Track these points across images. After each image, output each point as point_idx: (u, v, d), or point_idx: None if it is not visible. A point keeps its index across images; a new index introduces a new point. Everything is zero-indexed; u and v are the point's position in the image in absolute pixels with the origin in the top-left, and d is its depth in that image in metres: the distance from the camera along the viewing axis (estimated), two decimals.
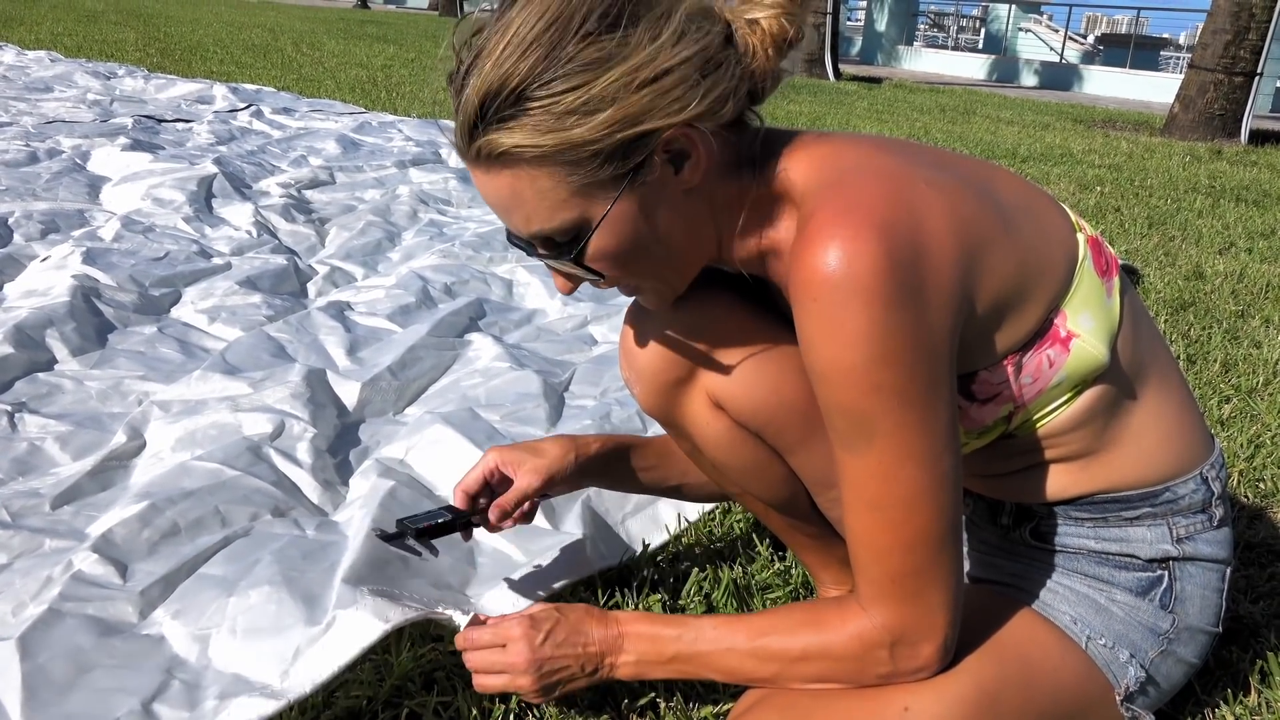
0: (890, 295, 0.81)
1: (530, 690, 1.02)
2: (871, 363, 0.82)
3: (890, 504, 0.87)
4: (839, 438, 0.88)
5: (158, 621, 1.26)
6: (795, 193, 0.93)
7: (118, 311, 2.32)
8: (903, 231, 0.83)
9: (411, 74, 8.88)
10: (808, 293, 0.83)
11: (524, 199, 0.87)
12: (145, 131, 4.58)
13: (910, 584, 0.89)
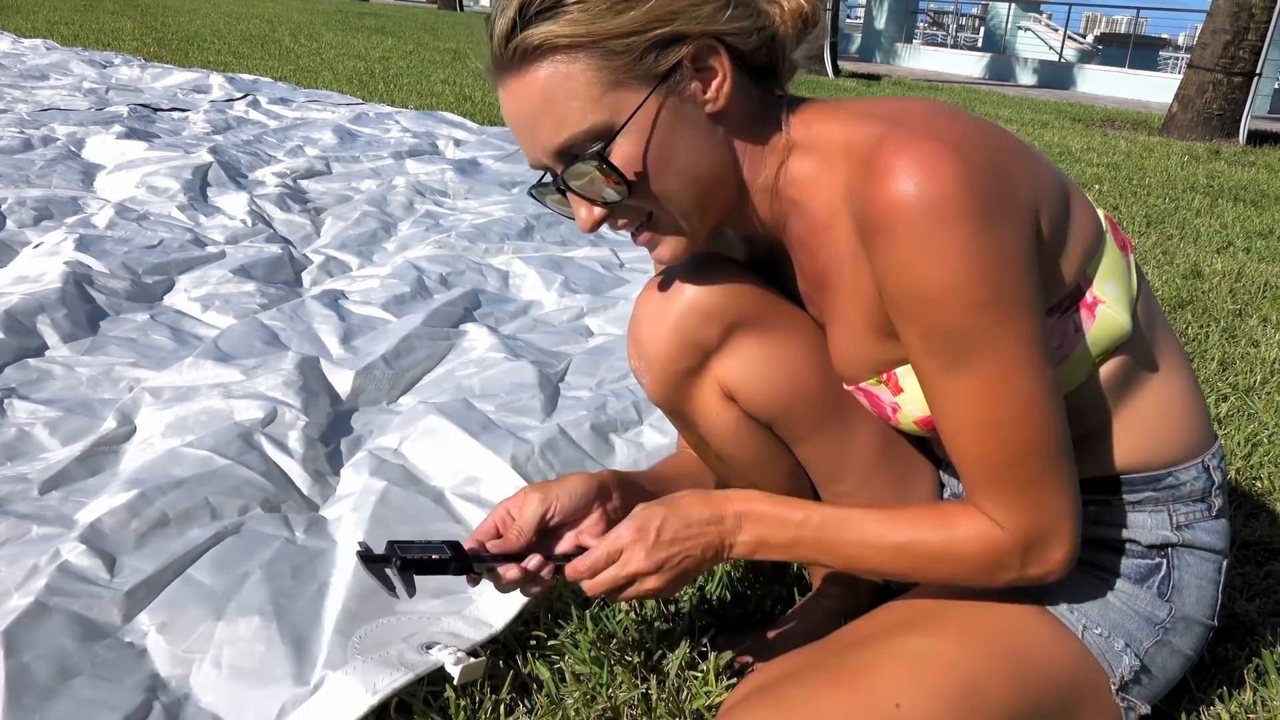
0: (979, 210, 0.82)
1: (659, 589, 0.99)
2: (969, 279, 0.83)
3: (1002, 418, 0.87)
4: (940, 362, 0.87)
5: (142, 629, 1.24)
6: (836, 141, 0.94)
7: (110, 298, 2.30)
8: (977, 150, 0.85)
9: (409, 66, 8.86)
10: (895, 216, 0.83)
11: (556, 100, 0.87)
12: (141, 120, 4.56)
13: (1034, 493, 0.89)
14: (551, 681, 1.21)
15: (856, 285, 0.94)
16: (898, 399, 0.99)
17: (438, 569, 1.02)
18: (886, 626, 1.00)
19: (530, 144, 0.91)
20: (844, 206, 0.92)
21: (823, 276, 0.99)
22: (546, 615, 1.33)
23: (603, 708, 1.16)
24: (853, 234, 0.92)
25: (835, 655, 0.98)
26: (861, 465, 1.11)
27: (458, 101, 6.55)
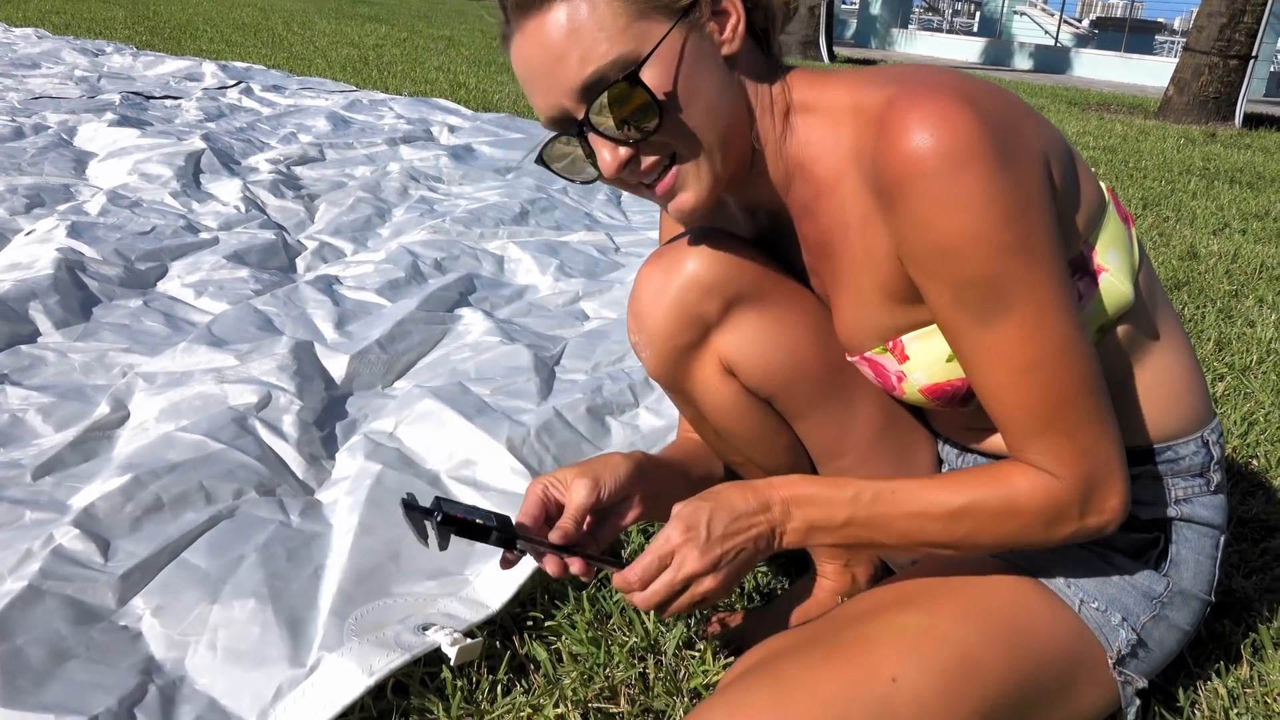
0: (996, 155, 0.83)
1: (717, 590, 0.95)
2: (994, 225, 0.83)
3: (1042, 362, 0.87)
4: (973, 315, 0.87)
5: (137, 612, 1.23)
6: (844, 103, 0.94)
7: (102, 285, 2.29)
8: (987, 102, 0.85)
9: (403, 53, 8.82)
10: (913, 171, 0.84)
11: (582, 32, 0.86)
12: (133, 108, 4.54)
13: (1083, 438, 0.88)
14: (549, 662, 1.20)
15: (866, 248, 0.94)
16: (903, 367, 0.98)
17: (477, 535, 0.97)
18: (883, 603, 1.00)
19: (551, 86, 0.89)
20: (852, 168, 0.92)
21: (827, 243, 0.98)
22: (543, 596, 1.33)
23: (600, 687, 1.16)
24: (861, 196, 0.92)
25: (831, 632, 0.98)
26: (862, 440, 1.10)
27: (452, 89, 6.53)
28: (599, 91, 0.87)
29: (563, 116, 0.91)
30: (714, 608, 1.34)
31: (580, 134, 0.91)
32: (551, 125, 0.93)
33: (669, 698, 1.15)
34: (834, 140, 0.94)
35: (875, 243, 0.92)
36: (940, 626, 0.94)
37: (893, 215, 0.87)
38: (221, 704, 1.11)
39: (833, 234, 0.97)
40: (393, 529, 1.41)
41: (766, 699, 0.90)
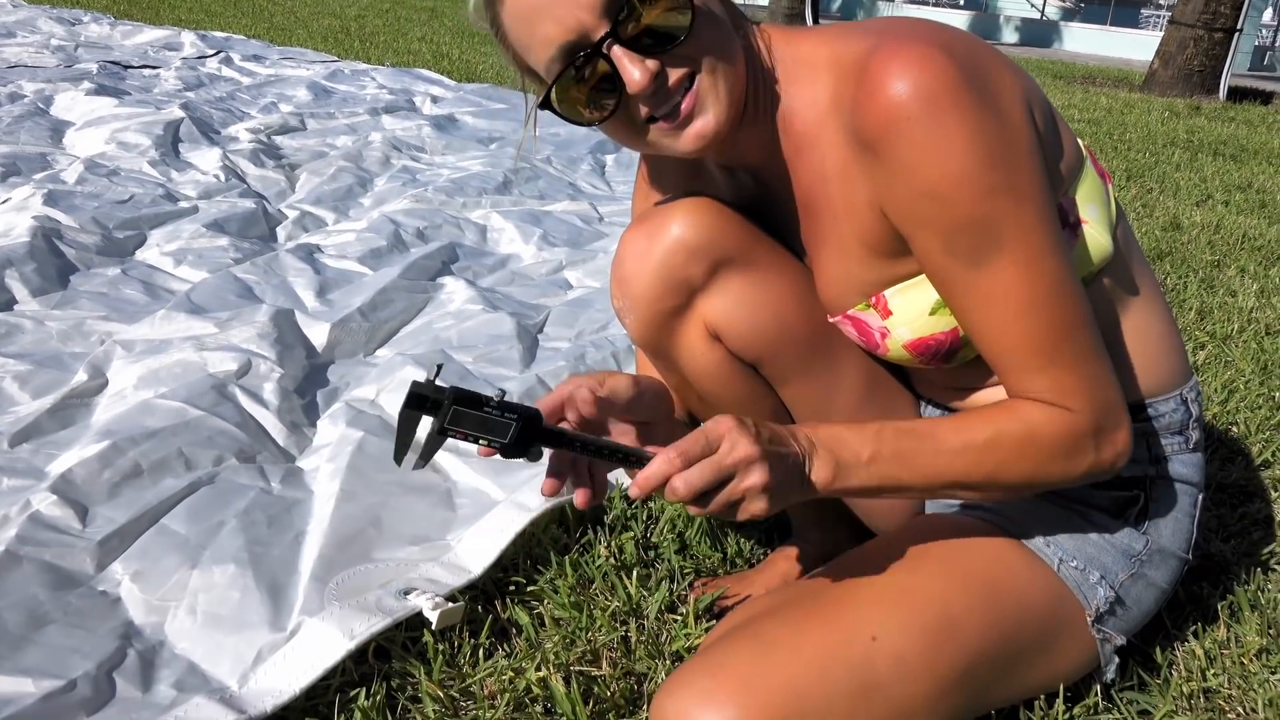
0: (977, 97, 0.83)
1: (765, 485, 0.83)
2: (980, 167, 0.83)
3: (1041, 301, 0.87)
4: (965, 260, 0.87)
5: (115, 578, 1.23)
6: (821, 56, 0.94)
7: (80, 253, 2.27)
8: (963, 46, 0.86)
9: (386, 24, 8.73)
10: (895, 116, 0.83)
11: None
12: (110, 77, 4.47)
13: (1087, 370, 0.89)
14: (531, 626, 1.20)
15: (847, 201, 0.93)
16: (887, 323, 0.98)
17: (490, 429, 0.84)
18: (863, 565, 1.00)
19: (571, 4, 0.85)
20: (832, 120, 0.92)
21: (809, 199, 0.98)
22: (526, 561, 1.33)
23: (582, 651, 1.16)
24: (840, 148, 0.91)
25: (812, 593, 0.98)
26: (847, 404, 1.10)
27: (435, 59, 6.46)
28: (624, 4, 0.84)
29: (579, 40, 0.86)
30: (695, 572, 1.34)
31: (600, 55, 0.86)
32: (562, 56, 0.88)
33: (651, 660, 1.15)
34: (813, 94, 0.94)
35: (856, 194, 0.92)
36: (920, 586, 0.95)
37: (877, 165, 0.87)
38: (201, 668, 1.11)
39: (814, 189, 0.97)
40: (374, 495, 1.41)
41: (748, 659, 0.90)
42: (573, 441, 0.87)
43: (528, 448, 0.86)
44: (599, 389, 0.98)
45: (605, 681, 1.11)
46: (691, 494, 0.82)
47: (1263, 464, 1.72)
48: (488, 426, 0.84)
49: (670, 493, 0.82)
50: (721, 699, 0.87)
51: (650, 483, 0.82)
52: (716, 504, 0.83)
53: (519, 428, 0.84)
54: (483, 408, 0.83)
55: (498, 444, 0.84)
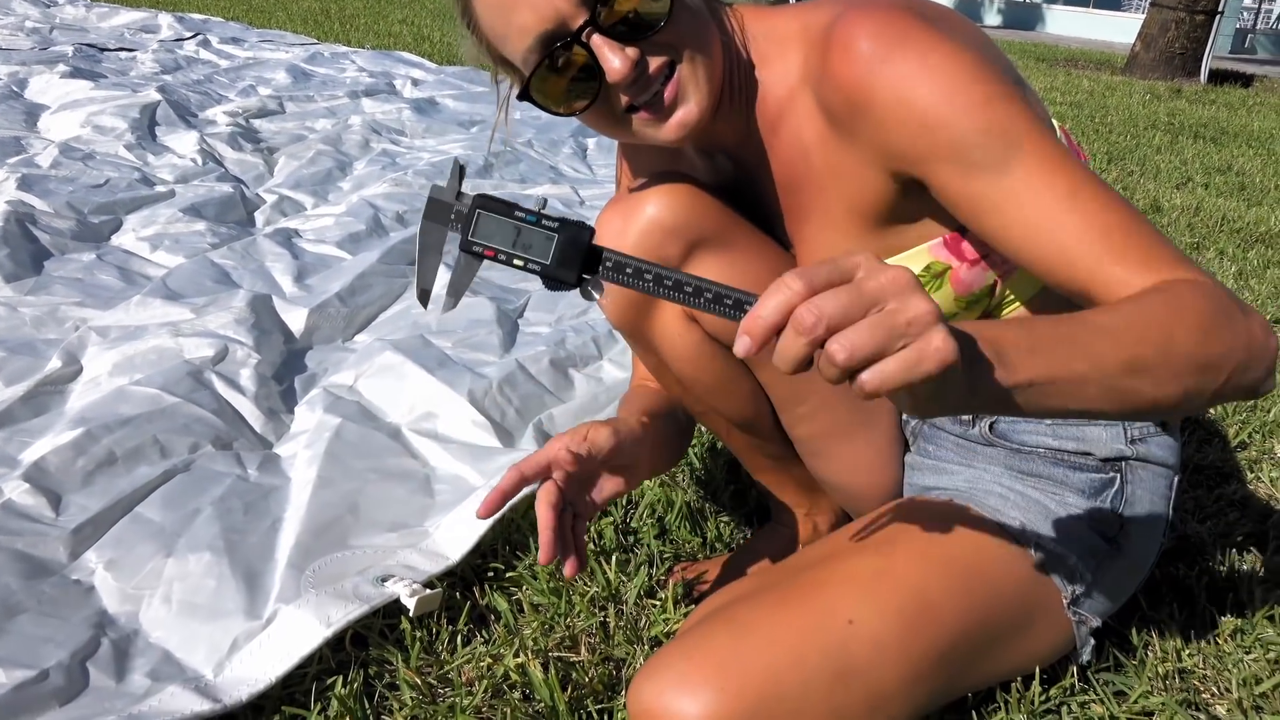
0: (942, 33, 0.84)
1: (935, 318, 0.61)
2: (966, 81, 0.82)
3: (1082, 182, 0.82)
4: (988, 171, 0.83)
5: (89, 566, 1.22)
6: (791, 29, 0.94)
7: (55, 238, 2.24)
8: (932, 9, 0.87)
9: (366, 6, 8.65)
10: (866, 67, 0.84)
11: None
12: (86, 60, 4.42)
13: (1172, 247, 0.81)
14: (509, 612, 1.20)
15: (830, 169, 0.93)
16: None
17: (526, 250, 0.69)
18: (839, 548, 1.00)
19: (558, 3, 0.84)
20: (804, 92, 0.92)
21: (790, 174, 0.98)
22: (504, 548, 1.33)
23: (561, 637, 1.16)
24: (815, 118, 0.92)
25: (789, 577, 0.98)
26: (823, 385, 1.09)
27: (416, 42, 6.42)
28: None
29: (557, 29, 0.85)
30: (674, 557, 1.34)
31: (579, 44, 0.85)
32: (539, 45, 0.87)
33: (629, 646, 1.15)
34: (784, 67, 0.94)
35: (839, 161, 0.92)
36: (896, 569, 0.95)
37: (862, 122, 0.87)
38: (176, 657, 1.10)
39: (794, 163, 0.96)
40: (352, 481, 1.40)
41: (725, 643, 0.90)
42: (641, 273, 0.68)
43: (577, 273, 0.69)
44: (580, 446, 0.96)
45: (583, 667, 1.11)
46: (828, 326, 0.60)
47: (1239, 445, 1.73)
48: (523, 241, 0.69)
49: (796, 328, 0.60)
50: (697, 683, 0.86)
51: (766, 321, 0.61)
52: (870, 339, 0.60)
53: (562, 243, 0.68)
54: (515, 215, 0.69)
55: (535, 265, 0.69)
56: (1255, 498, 1.55)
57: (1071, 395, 0.71)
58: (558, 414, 1.63)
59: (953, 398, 0.65)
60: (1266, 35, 16.46)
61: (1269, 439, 1.76)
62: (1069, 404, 0.71)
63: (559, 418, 1.62)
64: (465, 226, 0.70)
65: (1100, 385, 0.72)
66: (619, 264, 0.69)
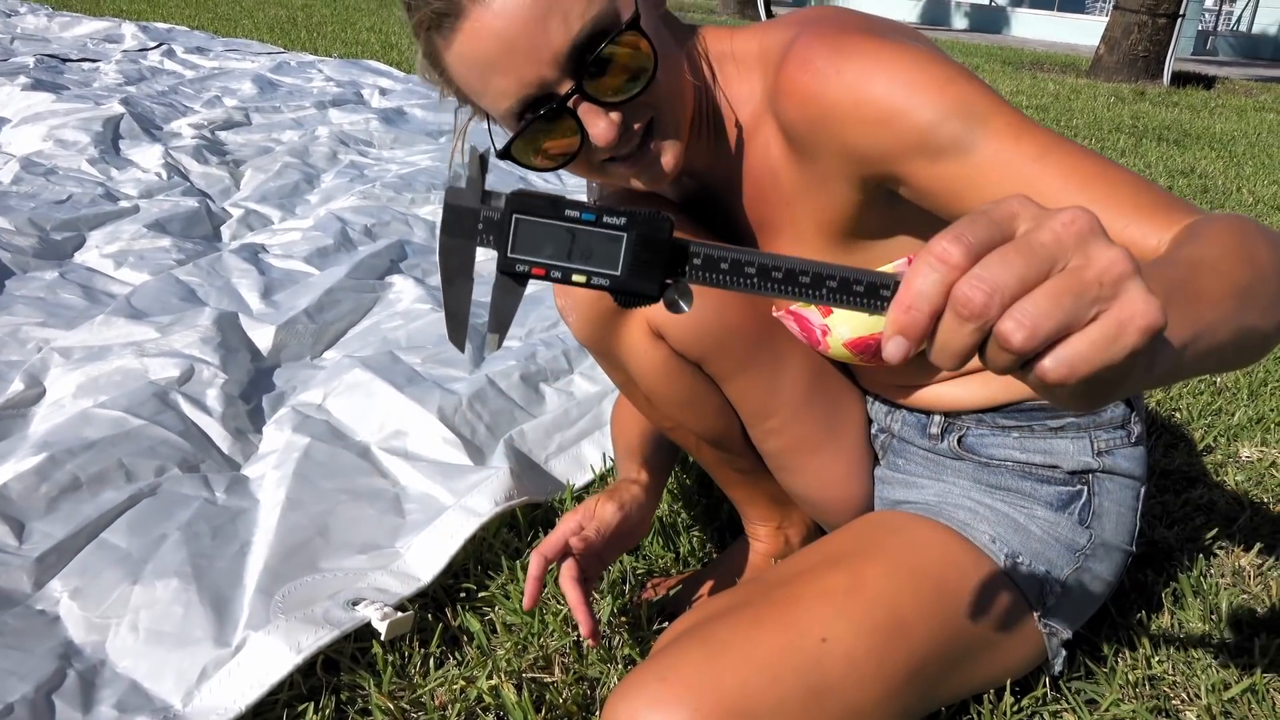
0: (887, 36, 0.85)
1: (1131, 268, 0.47)
2: (923, 69, 0.82)
3: (1050, 142, 0.79)
4: (955, 149, 0.81)
5: (54, 595, 1.20)
6: (752, 51, 0.95)
7: (16, 257, 2.21)
8: (882, 24, 0.89)
9: (333, 14, 8.60)
10: (817, 82, 0.84)
11: None
12: (48, 71, 4.37)
13: (1160, 192, 0.76)
14: (482, 633, 1.19)
15: (796, 185, 0.94)
16: (827, 320, 0.98)
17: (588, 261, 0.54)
18: (812, 564, 1.00)
19: (530, 58, 0.83)
20: (767, 112, 0.93)
21: (757, 192, 0.99)
22: (476, 567, 1.32)
23: (535, 657, 1.15)
24: (780, 137, 0.92)
25: (762, 594, 0.98)
26: (792, 399, 1.10)
27: (383, 50, 6.38)
28: (582, 56, 0.83)
29: (539, 94, 0.85)
30: (647, 574, 1.33)
31: (563, 109, 0.85)
32: (520, 108, 0.86)
33: (603, 665, 1.14)
34: (749, 89, 0.95)
35: (805, 178, 0.92)
36: (868, 585, 0.95)
37: (824, 136, 0.87)
38: (144, 687, 1.08)
39: (762, 181, 0.97)
40: (321, 503, 1.39)
41: (698, 662, 0.90)
42: (741, 268, 0.53)
43: (660, 282, 0.54)
44: (590, 524, 1.08)
45: (557, 688, 1.10)
46: (1002, 303, 0.46)
47: (1204, 449, 1.75)
48: (582, 249, 0.53)
49: (961, 312, 0.47)
50: (671, 703, 0.86)
51: (925, 311, 0.48)
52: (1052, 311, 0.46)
53: (634, 244, 0.53)
54: (565, 215, 0.53)
55: (603, 279, 0.54)
56: (1221, 502, 1.57)
57: (1211, 345, 0.58)
58: (529, 429, 1.63)
59: (1135, 377, 0.49)
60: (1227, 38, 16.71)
61: (1233, 443, 1.78)
62: (1207, 358, 0.58)
63: (530, 433, 1.62)
64: (501, 239, 0.54)
65: (1226, 326, 0.60)
66: (710, 259, 0.53)
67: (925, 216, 0.92)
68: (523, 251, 0.54)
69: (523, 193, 0.53)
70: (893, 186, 0.88)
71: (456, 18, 0.83)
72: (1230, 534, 1.48)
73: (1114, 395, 0.50)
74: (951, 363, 0.48)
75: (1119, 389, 0.50)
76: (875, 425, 1.16)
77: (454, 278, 0.57)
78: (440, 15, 0.84)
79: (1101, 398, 0.50)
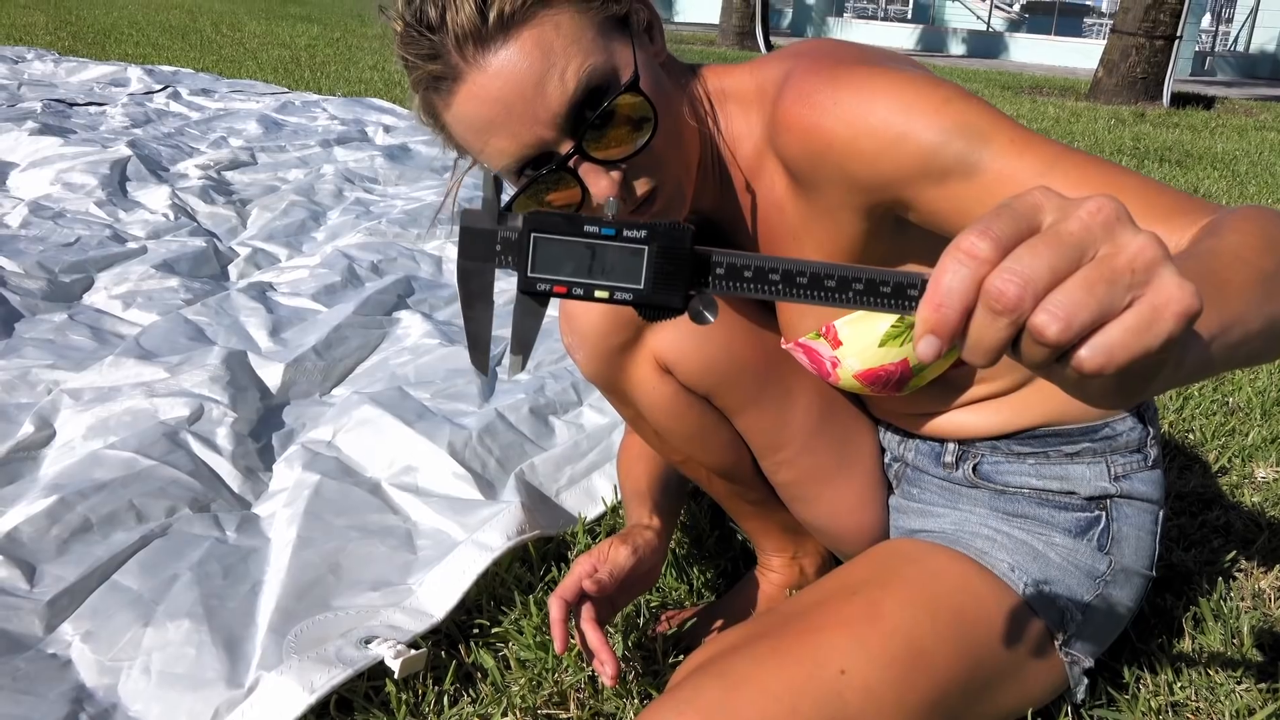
0: (883, 66, 0.85)
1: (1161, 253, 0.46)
2: (920, 92, 0.82)
3: (1056, 153, 0.78)
4: (962, 169, 0.80)
5: (65, 639, 1.19)
6: (749, 89, 0.95)
7: (25, 299, 2.22)
8: (878, 56, 0.90)
9: (336, 53, 8.68)
10: (814, 116, 0.85)
11: (554, 51, 0.82)
12: (55, 115, 4.40)
13: (1172, 193, 0.75)
14: (496, 669, 1.18)
15: (803, 217, 0.94)
16: (837, 353, 0.98)
17: (610, 275, 0.53)
18: (828, 594, 0.99)
19: (528, 120, 0.83)
20: (768, 147, 0.93)
21: (765, 227, 0.99)
22: (489, 602, 1.31)
23: (549, 693, 1.14)
24: (782, 171, 0.93)
25: (778, 626, 0.97)
26: (802, 431, 1.10)
27: (386, 88, 6.44)
28: (591, 109, 0.83)
29: (538, 154, 0.85)
30: (662, 605, 1.32)
31: (563, 169, 0.85)
32: (517, 166, 0.87)
33: (619, 700, 1.13)
34: (749, 126, 0.96)
35: (810, 211, 0.93)
36: (887, 615, 0.94)
37: (825, 169, 0.87)
38: None
39: (769, 216, 0.97)
40: (332, 540, 1.38)
41: (716, 696, 0.89)
42: (765, 275, 0.52)
43: (684, 294, 0.53)
44: (603, 568, 1.07)
45: None
46: (1035, 295, 0.45)
47: (1219, 470, 1.74)
48: (602, 264, 0.53)
49: (993, 306, 0.46)
50: None
51: (955, 308, 0.47)
52: (1086, 301, 0.45)
53: (657, 257, 0.52)
54: (584, 231, 0.52)
55: (626, 294, 0.53)
56: (1238, 523, 1.56)
57: (1241, 336, 0.56)
58: (539, 463, 1.62)
59: (1169, 368, 0.49)
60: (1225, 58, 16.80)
61: (1248, 463, 1.77)
62: (1236, 350, 0.57)
63: (540, 466, 1.61)
64: (520, 259, 0.53)
65: (1255, 316, 0.58)
66: (734, 268, 0.52)
67: (932, 244, 0.92)
68: (543, 270, 0.53)
69: (540, 211, 0.53)
70: (900, 212, 0.87)
71: (454, 81, 0.84)
72: (1249, 556, 1.46)
73: (1146, 390, 0.49)
74: (985, 359, 0.47)
75: (1153, 381, 0.49)
76: (888, 454, 1.16)
77: (474, 302, 0.57)
78: (437, 79, 0.85)
79: (1135, 392, 0.49)
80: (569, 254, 0.53)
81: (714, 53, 11.29)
